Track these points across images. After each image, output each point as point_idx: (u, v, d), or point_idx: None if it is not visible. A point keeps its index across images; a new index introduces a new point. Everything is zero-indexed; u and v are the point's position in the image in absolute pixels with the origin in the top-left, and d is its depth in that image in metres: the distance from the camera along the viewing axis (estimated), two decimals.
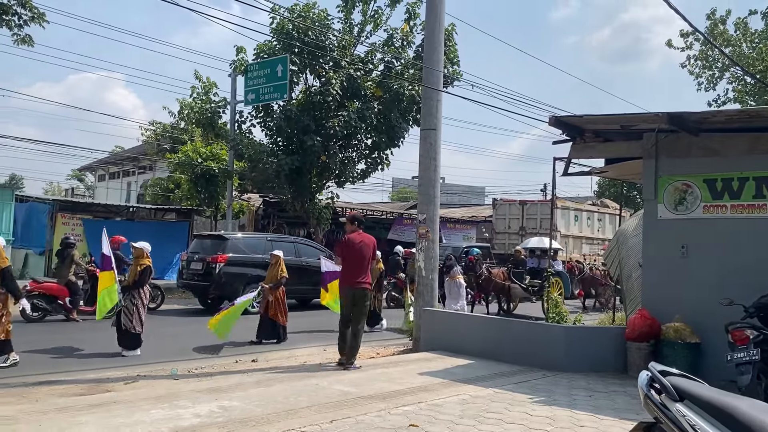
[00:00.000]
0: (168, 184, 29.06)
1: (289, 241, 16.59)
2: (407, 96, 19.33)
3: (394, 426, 5.15)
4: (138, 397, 5.94)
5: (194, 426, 4.97)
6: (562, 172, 9.95)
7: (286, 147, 19.67)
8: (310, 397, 6.10)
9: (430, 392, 6.44)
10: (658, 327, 7.62)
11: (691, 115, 7.39)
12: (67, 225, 20.88)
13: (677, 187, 7.86)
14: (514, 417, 5.57)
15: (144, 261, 9.48)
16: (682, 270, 7.75)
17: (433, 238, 10.05)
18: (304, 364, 8.74)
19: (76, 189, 50.27)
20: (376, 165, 20.79)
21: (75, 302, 12.27)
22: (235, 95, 20.49)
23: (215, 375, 7.75)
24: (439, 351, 8.98)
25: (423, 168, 10.16)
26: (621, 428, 5.30)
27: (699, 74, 24.81)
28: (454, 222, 32.26)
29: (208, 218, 23.98)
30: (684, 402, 2.76)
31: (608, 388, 7.00)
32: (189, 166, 21.33)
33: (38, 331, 11.01)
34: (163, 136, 30.12)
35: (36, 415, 5.16)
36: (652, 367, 2.99)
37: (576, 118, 8.39)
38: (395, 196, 60.09)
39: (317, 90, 19.16)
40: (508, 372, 7.72)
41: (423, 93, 10.67)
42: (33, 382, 7.16)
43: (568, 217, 24.54)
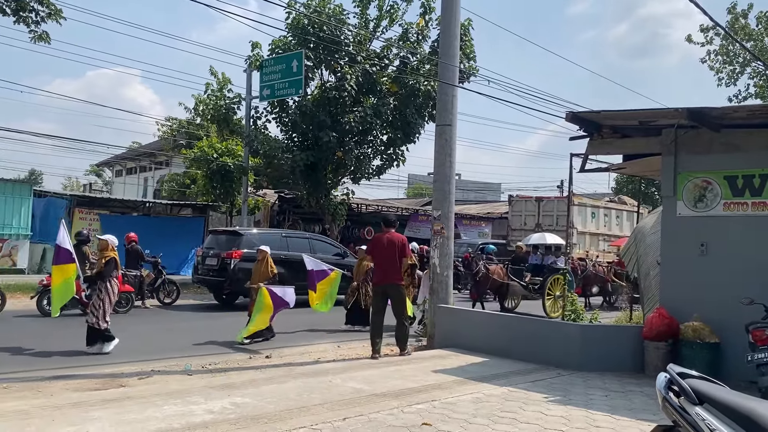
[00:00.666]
0: (184, 179, 29.26)
1: (304, 237, 16.60)
2: (423, 91, 19.23)
3: (407, 424, 5.10)
4: (151, 393, 5.95)
5: (206, 422, 4.96)
6: (579, 168, 9.84)
7: (301, 143, 19.67)
8: (322, 394, 6.07)
9: (443, 390, 6.39)
10: (676, 326, 7.49)
11: (712, 110, 7.24)
12: (84, 220, 21.08)
13: (697, 184, 7.72)
14: (529, 416, 5.50)
15: (109, 253, 9.17)
16: (702, 268, 7.61)
17: (448, 235, 9.98)
18: (317, 360, 8.73)
19: (94, 184, 50.78)
20: (392, 161, 20.72)
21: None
22: (250, 91, 20.52)
23: (229, 371, 7.76)
24: (454, 348, 8.91)
25: (438, 164, 10.08)
26: (638, 429, 5.21)
27: (719, 69, 24.48)
28: (470, 218, 32.14)
29: (224, 214, 24.10)
30: (703, 405, 2.69)
31: (625, 387, 6.89)
32: (205, 161, 21.43)
33: (54, 326, 11.10)
34: (179, 131, 30.30)
35: (49, 409, 5.18)
36: (670, 369, 2.92)
37: (593, 114, 8.27)
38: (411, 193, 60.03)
39: (332, 85, 19.14)
40: (522, 370, 7.64)
41: (438, 88, 10.59)
42: (48, 376, 7.21)
43: (585, 214, 24.31)
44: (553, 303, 15.12)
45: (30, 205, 19.71)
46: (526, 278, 15.76)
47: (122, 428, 4.70)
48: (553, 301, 15.10)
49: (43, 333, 10.40)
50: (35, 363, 8.02)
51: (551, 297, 15.08)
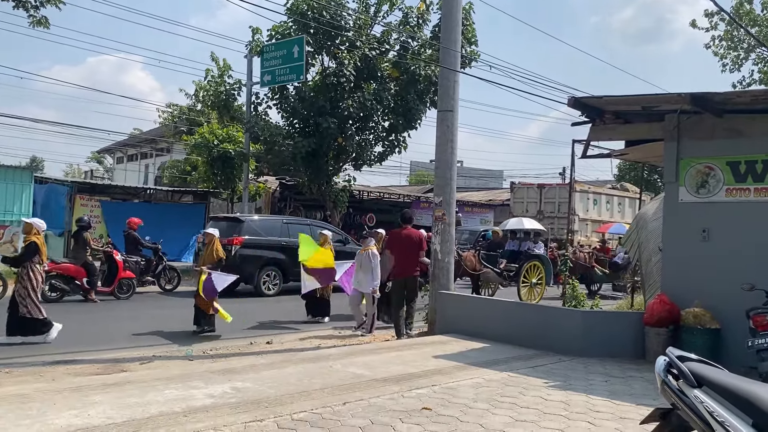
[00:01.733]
0: (185, 166, 29.23)
1: (306, 224, 16.59)
2: (424, 77, 19.13)
3: (407, 409, 5.12)
4: (152, 377, 5.96)
5: (207, 406, 4.97)
6: (581, 154, 9.80)
7: (302, 129, 19.61)
8: (323, 379, 6.08)
9: (444, 375, 6.40)
10: (677, 312, 7.49)
11: (715, 95, 7.19)
12: (85, 207, 21.08)
13: (699, 170, 7.68)
14: (529, 401, 5.51)
15: (31, 237, 8.60)
16: (703, 254, 7.59)
17: (450, 221, 9.95)
18: (318, 346, 8.76)
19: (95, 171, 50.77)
20: (394, 147, 20.65)
21: (92, 283, 12.38)
22: (251, 77, 20.42)
23: (229, 356, 7.79)
24: (454, 334, 8.92)
25: (440, 150, 10.04)
26: (638, 414, 5.21)
27: (724, 55, 24.28)
28: (472, 205, 32.12)
29: (225, 200, 24.07)
30: (702, 388, 2.68)
31: (625, 373, 6.90)
32: (205, 148, 21.38)
33: (57, 312, 11.10)
34: (180, 118, 30.23)
35: (50, 393, 5.20)
36: (669, 353, 2.91)
37: (596, 99, 8.22)
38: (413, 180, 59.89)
39: (333, 71, 19.04)
40: (523, 356, 7.65)
41: (440, 74, 10.53)
42: (50, 361, 7.24)
43: (587, 201, 24.29)
44: (528, 291, 14.52)
45: (31, 192, 19.68)
46: (501, 265, 14.93)
47: (123, 412, 4.71)
48: (529, 288, 14.53)
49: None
50: (37, 348, 8.05)
51: (527, 284, 14.48)
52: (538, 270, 14.87)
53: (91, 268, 12.50)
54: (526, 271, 14.55)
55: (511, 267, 14.85)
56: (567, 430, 4.76)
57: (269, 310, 10.98)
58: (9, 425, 4.31)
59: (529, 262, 14.71)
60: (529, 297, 14.34)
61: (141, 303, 12.75)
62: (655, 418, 3.03)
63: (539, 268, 14.89)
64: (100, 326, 9.70)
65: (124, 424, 4.42)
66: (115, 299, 12.66)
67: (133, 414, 4.68)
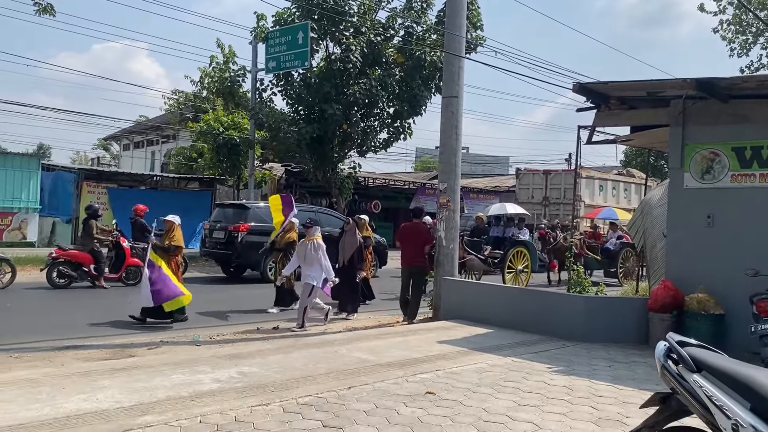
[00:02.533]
0: (191, 153, 29.27)
1: (311, 211, 16.62)
2: (429, 62, 19.04)
3: (411, 393, 5.17)
4: (159, 362, 6.04)
5: (213, 391, 5.04)
6: (586, 140, 9.77)
7: (307, 116, 19.59)
8: (328, 363, 6.14)
9: (448, 360, 6.45)
10: (681, 298, 7.51)
11: (721, 80, 7.16)
12: (92, 193, 21.20)
13: (704, 156, 7.66)
14: (532, 386, 5.56)
15: None
16: (708, 240, 7.60)
17: (454, 208, 9.98)
18: (324, 331, 8.83)
19: (102, 158, 50.90)
20: (399, 134, 20.61)
21: (100, 270, 12.48)
22: (256, 63, 20.38)
23: (236, 342, 7.87)
24: (459, 320, 8.97)
25: (444, 137, 10.04)
26: (640, 398, 5.22)
27: (732, 39, 24.05)
28: (477, 192, 32.08)
29: (231, 187, 24.14)
30: (701, 373, 2.71)
31: (629, 358, 6.94)
32: (211, 135, 21.40)
33: (64, 298, 11.25)
34: (186, 105, 30.23)
35: (60, 378, 5.27)
36: (669, 338, 2.94)
37: (601, 85, 8.20)
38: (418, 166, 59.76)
39: (337, 57, 18.98)
40: (527, 341, 7.69)
41: (445, 59, 10.50)
42: (59, 346, 7.33)
43: (593, 187, 24.22)
44: (514, 278, 14.19)
45: (38, 179, 19.82)
46: (485, 251, 14.51)
47: (131, 396, 4.78)
48: (514, 276, 14.21)
49: (54, 305, 10.54)
50: (46, 334, 8.14)
51: (512, 271, 14.16)
52: (524, 256, 14.54)
53: (98, 255, 12.58)
54: (511, 258, 14.25)
55: (496, 254, 14.56)
56: (570, 414, 4.80)
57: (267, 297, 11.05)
58: (20, 409, 4.39)
59: (514, 249, 14.40)
60: (514, 284, 13.93)
61: None
62: (654, 402, 3.06)
63: (524, 255, 14.56)
64: (107, 312, 9.77)
65: (132, 408, 4.49)
66: (123, 285, 12.75)
67: (141, 398, 4.75)
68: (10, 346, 7.30)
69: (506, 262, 14.07)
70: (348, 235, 10.47)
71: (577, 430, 4.45)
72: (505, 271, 13.97)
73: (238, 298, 11.77)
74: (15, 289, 11.62)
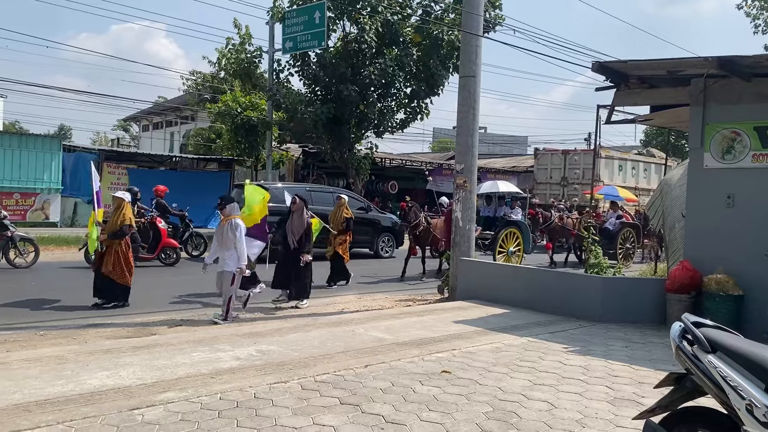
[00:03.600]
0: (209, 134, 29.42)
1: (328, 192, 16.68)
2: (447, 42, 18.89)
3: (427, 372, 5.23)
4: (180, 341, 6.15)
5: (233, 368, 5.13)
6: (605, 119, 9.67)
7: (323, 96, 19.57)
8: (345, 342, 6.22)
9: (463, 340, 6.50)
10: (699, 279, 7.47)
11: (744, 59, 7.03)
12: (113, 174, 21.45)
13: (725, 135, 7.56)
14: (548, 366, 5.59)
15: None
16: (727, 221, 7.52)
17: (471, 188, 9.96)
18: (341, 311, 8.91)
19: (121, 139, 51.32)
20: (416, 114, 20.53)
21: (135, 249, 12.69)
22: (273, 43, 20.35)
23: (255, 320, 7.97)
24: (475, 300, 9.01)
25: (461, 116, 10.00)
26: (656, 379, 5.21)
27: (756, 16, 23.56)
28: (495, 172, 31.90)
29: (249, 168, 24.26)
30: (716, 353, 2.72)
31: (645, 339, 6.94)
32: (229, 115, 21.48)
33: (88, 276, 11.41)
34: (204, 86, 30.31)
35: (84, 355, 5.40)
36: (685, 318, 2.94)
37: (620, 64, 8.09)
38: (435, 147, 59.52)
39: (354, 37, 18.88)
40: (543, 321, 7.71)
41: (462, 38, 10.41)
42: (82, 325, 7.49)
43: (612, 167, 23.99)
44: (505, 260, 13.41)
45: (60, 160, 20.08)
46: (476, 232, 13.38)
47: (152, 373, 4.89)
48: (506, 257, 13.48)
49: (76, 284, 10.72)
50: (70, 312, 8.31)
51: (503, 253, 13.45)
52: (516, 237, 13.81)
53: (133, 236, 12.72)
54: (502, 239, 13.53)
55: (486, 235, 13.94)
56: (585, 394, 4.83)
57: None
58: (46, 385, 4.51)
59: (506, 229, 13.66)
60: None
61: (168, 269, 13.03)
62: (669, 382, 3.08)
63: (517, 236, 13.83)
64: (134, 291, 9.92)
65: (154, 385, 4.60)
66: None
67: (163, 375, 4.86)
68: (34, 324, 7.47)
69: (497, 243, 13.38)
70: (295, 216, 9.42)
71: (592, 409, 4.48)
72: (496, 253, 13.32)
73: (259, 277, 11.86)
74: (38, 268, 11.84)
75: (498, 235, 13.55)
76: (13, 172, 19.01)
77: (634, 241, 16.48)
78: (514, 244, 13.72)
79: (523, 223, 14.58)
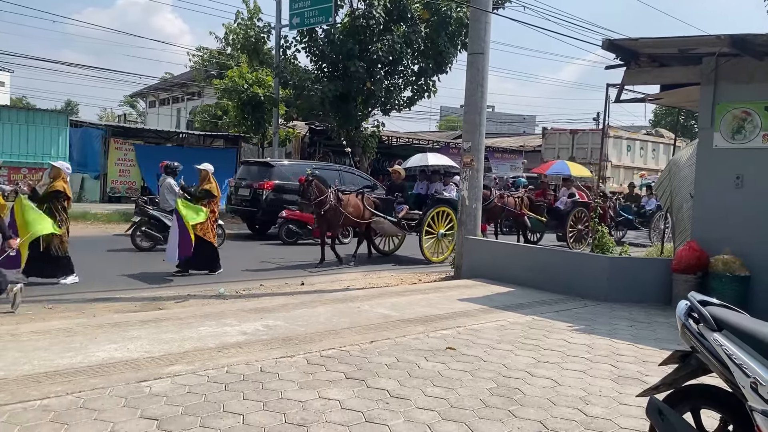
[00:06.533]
0: (216, 110, 29.35)
1: (335, 169, 16.66)
2: (455, 18, 18.71)
3: (432, 348, 5.26)
4: (187, 315, 6.20)
5: (239, 342, 5.18)
6: (615, 98, 9.58)
7: (330, 73, 19.45)
8: (351, 318, 6.26)
9: (469, 317, 6.52)
10: (706, 259, 7.45)
11: (757, 37, 6.92)
12: (120, 150, 21.48)
13: (736, 115, 7.48)
14: (552, 344, 5.61)
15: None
16: (736, 201, 7.48)
17: (478, 167, 9.93)
18: (347, 287, 8.96)
19: (128, 115, 51.32)
20: (423, 92, 20.40)
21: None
22: (280, 19, 20.19)
23: (261, 296, 8.03)
24: (481, 279, 9.03)
25: (469, 94, 9.93)
26: (660, 358, 5.20)
27: None
28: (502, 151, 31.78)
29: (255, 145, 24.24)
30: (722, 332, 2.71)
31: (650, 318, 6.95)
32: (236, 91, 21.40)
33: (94, 253, 11.49)
34: (210, 62, 30.17)
35: (92, 328, 5.46)
36: (691, 297, 2.94)
37: (631, 42, 7.99)
38: (443, 125, 59.29)
39: (362, 13, 18.71)
40: (548, 300, 7.73)
41: (471, 15, 10.30)
42: (91, 299, 7.57)
43: (621, 147, 23.85)
44: (435, 243, 12.23)
45: (67, 135, 20.09)
46: (401, 212, 12.29)
47: (160, 346, 4.94)
48: (436, 240, 12.22)
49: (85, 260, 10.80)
50: (78, 286, 8.38)
51: (433, 235, 12.14)
52: (448, 217, 12.26)
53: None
54: (432, 220, 12.10)
55: (414, 215, 12.37)
56: (589, 371, 4.85)
57: (301, 253, 11.21)
58: (55, 357, 4.57)
59: (435, 209, 12.16)
60: (436, 250, 12.26)
61: None
62: (674, 360, 3.08)
63: (449, 215, 12.24)
64: (139, 267, 10.01)
65: (162, 358, 4.65)
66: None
67: (170, 348, 4.90)
68: (43, 297, 7.54)
69: (424, 224, 11.95)
70: None
71: (596, 386, 4.50)
72: (423, 235, 11.93)
73: (263, 254, 11.92)
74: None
75: (425, 215, 12.05)
76: (21, 147, 19.05)
77: (588, 223, 14.44)
78: (446, 225, 12.24)
79: (457, 201, 12.36)
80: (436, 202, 12.39)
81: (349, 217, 11.59)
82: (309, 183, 11.03)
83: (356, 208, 11.73)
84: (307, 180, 11.08)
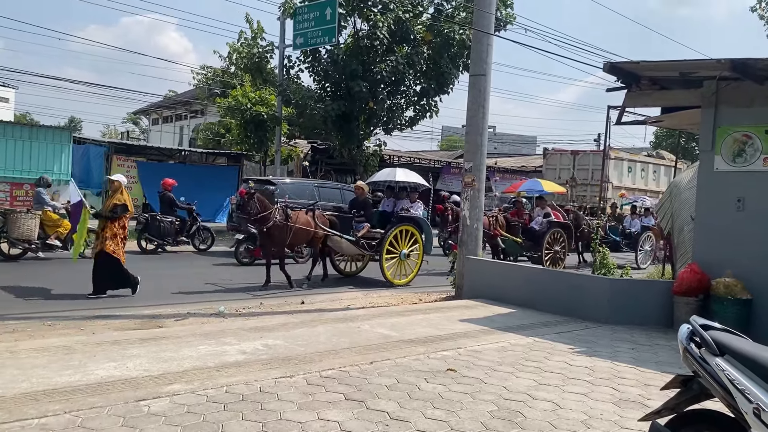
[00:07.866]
0: (219, 128, 29.49)
1: (336, 188, 16.69)
2: (457, 40, 18.87)
3: (432, 369, 5.23)
4: (186, 333, 6.17)
5: (239, 362, 5.15)
6: (616, 120, 9.64)
7: (333, 93, 19.58)
8: (351, 338, 6.23)
9: (469, 339, 6.49)
10: (707, 282, 7.43)
11: (758, 62, 6.97)
12: (122, 167, 21.51)
13: (737, 138, 7.51)
14: (553, 366, 5.58)
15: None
16: (737, 224, 7.48)
17: (479, 187, 9.95)
18: (347, 307, 8.92)
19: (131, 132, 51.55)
20: (425, 112, 20.52)
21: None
22: (283, 39, 20.39)
23: (261, 315, 7.99)
24: (482, 299, 9.00)
25: (471, 115, 9.98)
26: (662, 381, 5.19)
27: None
28: (503, 171, 31.83)
29: (257, 163, 24.31)
30: (724, 356, 2.70)
31: (652, 341, 6.92)
32: (238, 110, 21.52)
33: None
34: (214, 80, 30.38)
35: (91, 346, 5.44)
36: (693, 321, 2.93)
37: (632, 65, 8.05)
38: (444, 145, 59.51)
39: (365, 34, 18.88)
40: (549, 322, 7.70)
41: (473, 37, 10.39)
42: (90, 316, 7.54)
43: (622, 168, 23.92)
44: (397, 264, 11.45)
45: (70, 152, 20.13)
46: (360, 231, 11.42)
47: (159, 365, 4.91)
48: (399, 261, 11.46)
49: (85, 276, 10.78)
50: (77, 303, 8.36)
51: (395, 256, 11.38)
52: (413, 237, 11.67)
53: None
54: (395, 239, 11.35)
55: (376, 233, 11.56)
56: (590, 394, 4.82)
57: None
58: (53, 375, 4.54)
59: (397, 228, 11.43)
60: (398, 272, 11.49)
61: (175, 262, 13.09)
62: (676, 384, 3.06)
63: (413, 235, 11.66)
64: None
65: (161, 377, 4.62)
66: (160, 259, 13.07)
67: (169, 367, 4.88)
68: (41, 314, 7.52)
69: (385, 244, 11.16)
70: None
71: (597, 410, 4.47)
72: (384, 255, 11.14)
73: (263, 272, 11.89)
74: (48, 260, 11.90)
75: (386, 234, 11.26)
76: (24, 162, 19.06)
77: (565, 244, 14.01)
78: (410, 245, 11.61)
79: (423, 220, 12.21)
80: (401, 220, 11.72)
81: (298, 235, 10.86)
82: (250, 196, 10.22)
83: (306, 226, 10.88)
84: (248, 193, 10.31)
